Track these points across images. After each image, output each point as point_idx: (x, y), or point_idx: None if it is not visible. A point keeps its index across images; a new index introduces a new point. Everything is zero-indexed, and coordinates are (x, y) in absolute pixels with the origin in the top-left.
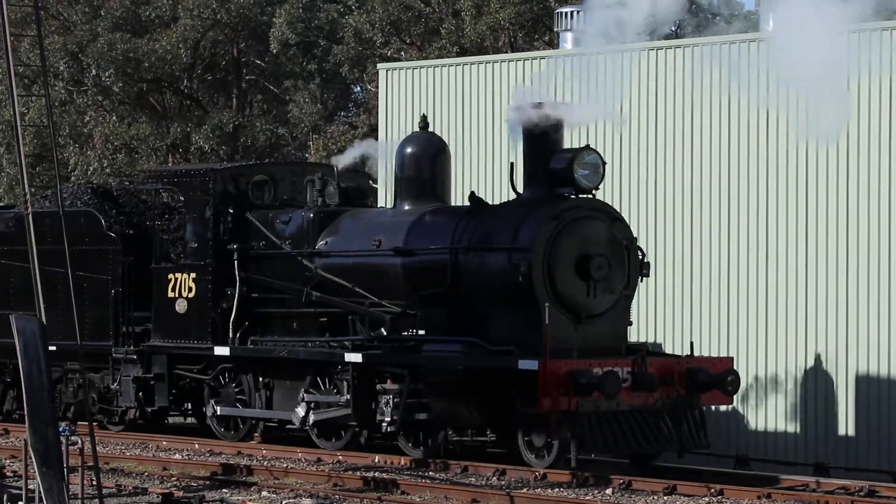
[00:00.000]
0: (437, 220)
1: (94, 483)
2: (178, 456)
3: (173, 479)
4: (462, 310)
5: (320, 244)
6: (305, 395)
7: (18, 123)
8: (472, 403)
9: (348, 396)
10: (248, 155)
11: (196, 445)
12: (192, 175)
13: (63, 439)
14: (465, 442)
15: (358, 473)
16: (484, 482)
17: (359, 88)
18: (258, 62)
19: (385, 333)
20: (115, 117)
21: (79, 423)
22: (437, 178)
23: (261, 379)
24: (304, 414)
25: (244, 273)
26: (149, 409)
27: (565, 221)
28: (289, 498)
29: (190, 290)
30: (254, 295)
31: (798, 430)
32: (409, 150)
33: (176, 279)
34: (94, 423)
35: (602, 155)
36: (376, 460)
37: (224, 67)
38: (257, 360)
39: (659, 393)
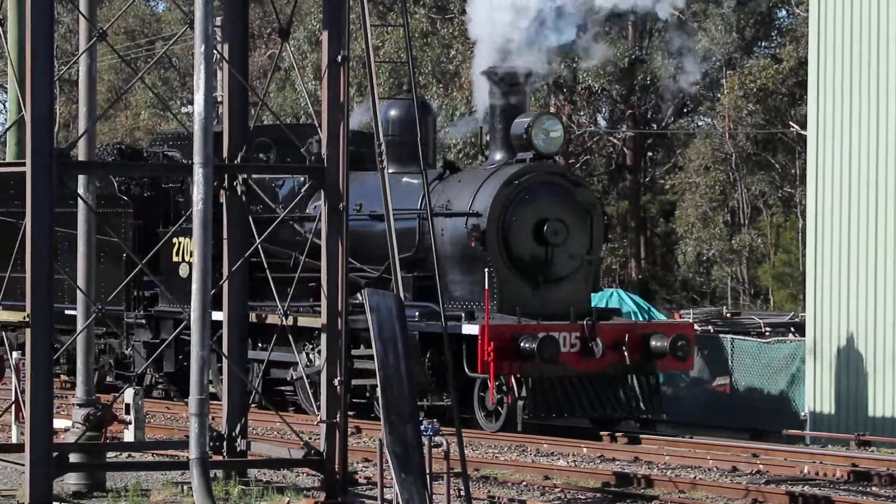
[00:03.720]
0: (410, 184)
1: (463, 493)
2: (562, 462)
3: (556, 490)
4: (429, 273)
5: (311, 208)
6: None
7: (371, 59)
8: (429, 368)
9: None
10: (646, 95)
11: (584, 450)
12: (191, 137)
13: (425, 440)
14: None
15: (782, 487)
16: None
17: (784, 13)
18: None
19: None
20: None
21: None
22: (419, 141)
23: (259, 345)
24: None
25: None
26: (157, 375)
27: (521, 187)
28: None
29: (192, 254)
30: (252, 259)
31: None
32: (392, 113)
33: (180, 243)
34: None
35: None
36: (805, 471)
37: None
38: (254, 326)
39: (610, 358)
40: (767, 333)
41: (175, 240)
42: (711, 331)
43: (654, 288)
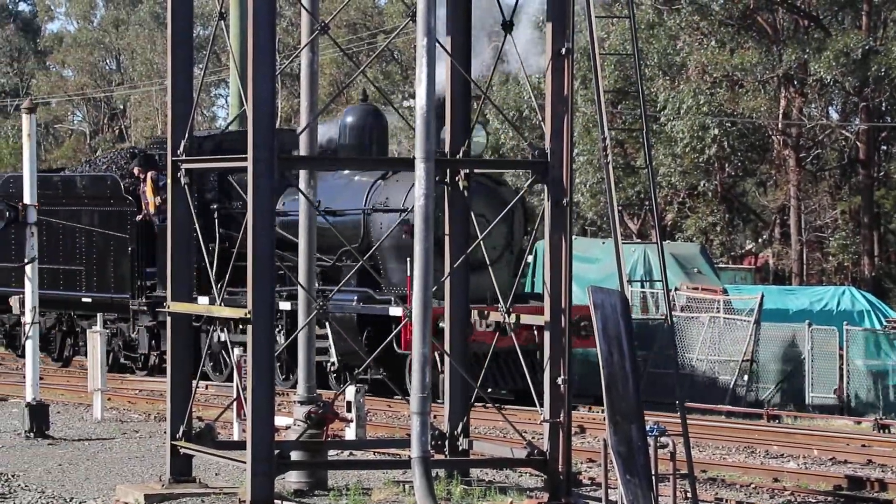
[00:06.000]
0: (360, 183)
1: (689, 495)
2: (791, 464)
3: (786, 492)
4: (372, 263)
5: (280, 204)
6: None
7: (596, 52)
8: (366, 346)
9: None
10: (881, 87)
11: (815, 452)
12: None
13: (651, 441)
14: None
15: None
16: None
17: None
18: None
19: (317, 285)
20: (714, 42)
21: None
22: (373, 145)
23: (239, 326)
24: None
25: (224, 230)
26: (154, 354)
27: None
28: None
29: None
30: (233, 250)
31: None
32: (349, 119)
33: None
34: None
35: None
36: None
37: None
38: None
39: (521, 337)
40: None
41: None
42: None
43: (888, 286)
